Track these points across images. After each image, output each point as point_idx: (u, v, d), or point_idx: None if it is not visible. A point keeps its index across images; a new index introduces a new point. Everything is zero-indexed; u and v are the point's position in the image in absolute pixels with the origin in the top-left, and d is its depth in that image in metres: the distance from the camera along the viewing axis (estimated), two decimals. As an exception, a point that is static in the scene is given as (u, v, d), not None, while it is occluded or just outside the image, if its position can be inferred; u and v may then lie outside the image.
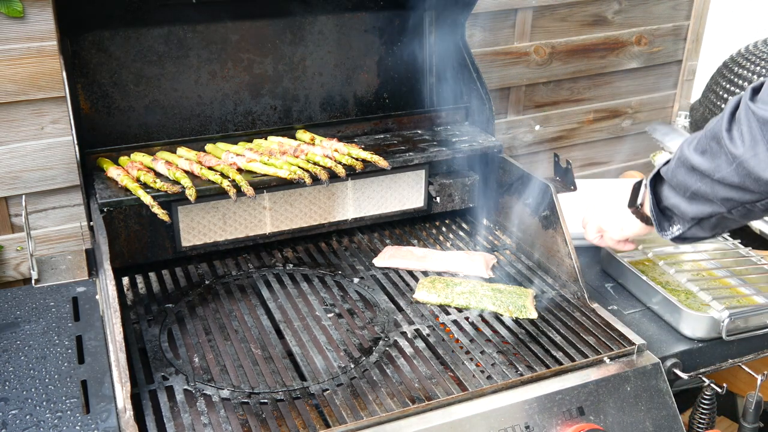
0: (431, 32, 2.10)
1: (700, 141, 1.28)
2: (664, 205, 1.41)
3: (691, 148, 1.29)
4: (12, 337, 1.49)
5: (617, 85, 2.75)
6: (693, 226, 1.37)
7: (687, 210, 1.34)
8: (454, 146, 1.91)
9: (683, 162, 1.31)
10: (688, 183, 1.31)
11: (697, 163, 1.27)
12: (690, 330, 1.59)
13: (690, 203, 1.33)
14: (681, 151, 1.32)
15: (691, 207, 1.33)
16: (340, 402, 1.36)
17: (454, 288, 1.68)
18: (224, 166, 1.69)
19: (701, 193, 1.29)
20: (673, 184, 1.36)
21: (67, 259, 1.78)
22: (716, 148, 1.23)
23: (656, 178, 1.42)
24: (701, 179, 1.27)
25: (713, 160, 1.24)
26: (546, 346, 1.53)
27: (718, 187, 1.25)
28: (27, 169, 1.94)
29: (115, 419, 1.28)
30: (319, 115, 2.05)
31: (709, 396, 1.56)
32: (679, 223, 1.40)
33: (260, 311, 1.65)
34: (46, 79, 1.87)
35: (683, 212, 1.36)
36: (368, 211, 1.98)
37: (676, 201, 1.36)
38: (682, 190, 1.34)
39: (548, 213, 1.75)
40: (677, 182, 1.34)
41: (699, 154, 1.27)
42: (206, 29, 1.85)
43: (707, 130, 1.27)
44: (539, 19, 2.48)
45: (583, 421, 1.37)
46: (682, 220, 1.38)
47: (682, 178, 1.32)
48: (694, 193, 1.31)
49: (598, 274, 1.84)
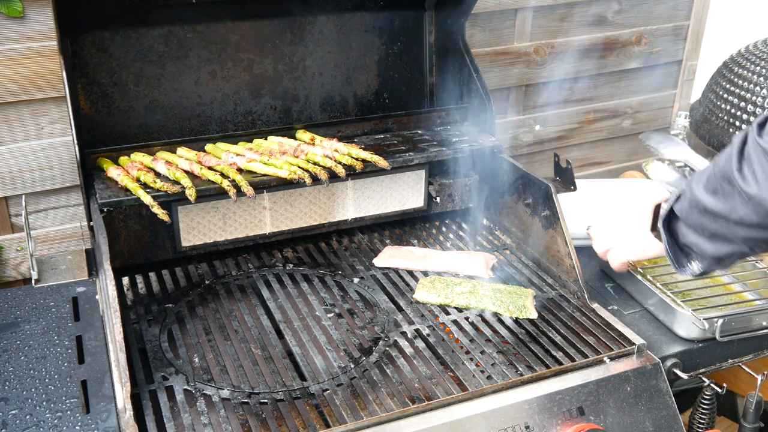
0: (431, 32, 2.10)
1: (710, 180, 1.24)
2: (683, 242, 1.36)
3: (701, 188, 1.25)
4: (12, 337, 1.49)
5: (617, 85, 2.75)
6: (713, 263, 1.33)
7: (707, 249, 1.30)
8: (454, 146, 1.91)
9: (695, 204, 1.27)
10: (705, 224, 1.27)
11: (710, 205, 1.23)
12: (684, 330, 1.59)
13: (710, 243, 1.29)
14: (692, 192, 1.28)
15: (711, 246, 1.29)
16: (340, 402, 1.36)
17: (454, 288, 1.68)
18: (224, 166, 1.69)
19: (720, 234, 1.25)
20: (690, 224, 1.32)
21: (67, 259, 1.78)
22: (729, 189, 1.20)
23: (670, 214, 1.37)
24: (716, 221, 1.24)
25: (727, 201, 1.20)
26: (546, 346, 1.53)
27: (736, 228, 1.21)
28: (27, 169, 1.94)
29: (115, 419, 1.28)
30: (319, 115, 2.05)
31: (709, 396, 1.56)
32: (698, 260, 1.35)
33: (260, 311, 1.65)
34: (46, 79, 1.87)
35: (703, 251, 1.31)
36: (368, 211, 1.98)
37: (695, 240, 1.31)
38: (700, 229, 1.30)
39: (548, 213, 1.75)
40: (693, 223, 1.30)
41: (711, 194, 1.23)
42: (206, 29, 1.85)
43: (717, 169, 1.23)
44: (539, 19, 2.48)
45: (583, 421, 1.37)
46: (701, 258, 1.34)
47: (697, 220, 1.29)
48: (713, 234, 1.27)
49: (598, 274, 1.84)
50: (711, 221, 1.25)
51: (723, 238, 1.26)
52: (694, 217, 1.29)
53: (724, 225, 1.23)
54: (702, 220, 1.27)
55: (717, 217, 1.23)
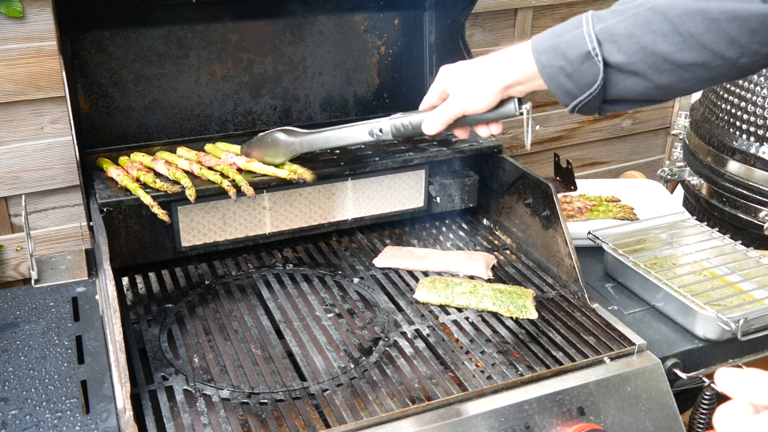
0: (431, 32, 2.10)
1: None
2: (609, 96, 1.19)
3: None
4: (12, 337, 1.49)
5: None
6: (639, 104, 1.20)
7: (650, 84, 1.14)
8: (454, 146, 1.91)
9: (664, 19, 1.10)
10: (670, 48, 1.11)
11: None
12: (702, 330, 1.58)
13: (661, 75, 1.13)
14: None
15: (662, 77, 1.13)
16: (340, 402, 1.36)
17: (454, 288, 1.68)
18: (224, 166, 1.69)
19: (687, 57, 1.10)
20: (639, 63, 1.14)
21: (67, 259, 1.78)
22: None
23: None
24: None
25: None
26: (546, 346, 1.53)
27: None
28: (27, 169, 1.94)
29: (115, 419, 1.27)
30: (319, 115, 2.05)
31: (709, 396, 1.56)
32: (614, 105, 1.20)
33: (260, 311, 1.65)
34: (45, 79, 1.87)
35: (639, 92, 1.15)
36: (368, 211, 1.98)
37: (635, 83, 1.15)
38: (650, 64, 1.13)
39: (548, 213, 1.75)
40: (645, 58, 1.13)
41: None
42: (206, 29, 1.85)
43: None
44: (539, 19, 2.48)
45: (583, 421, 1.37)
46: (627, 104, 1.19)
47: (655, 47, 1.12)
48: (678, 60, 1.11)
49: (599, 274, 1.84)
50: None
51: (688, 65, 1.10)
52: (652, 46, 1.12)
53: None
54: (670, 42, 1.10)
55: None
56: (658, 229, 1.93)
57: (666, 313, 1.66)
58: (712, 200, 2.28)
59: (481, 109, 1.36)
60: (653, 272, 1.69)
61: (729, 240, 1.88)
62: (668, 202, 2.16)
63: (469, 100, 1.36)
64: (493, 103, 1.35)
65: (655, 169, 2.79)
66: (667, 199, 2.20)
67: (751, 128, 2.11)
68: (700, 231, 1.92)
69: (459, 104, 1.38)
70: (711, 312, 1.55)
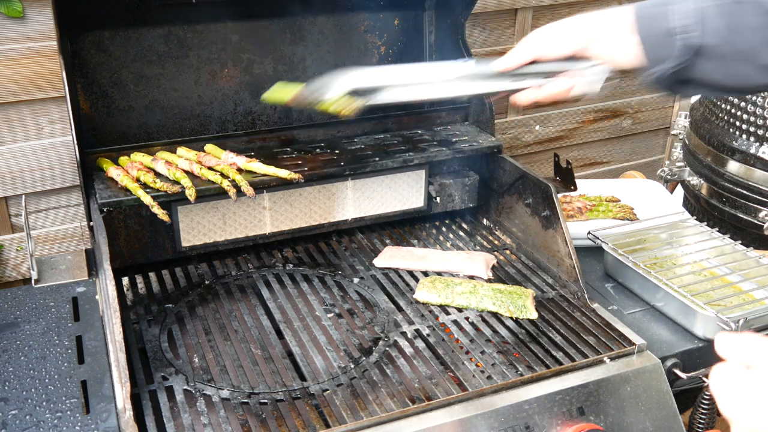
0: (431, 32, 2.10)
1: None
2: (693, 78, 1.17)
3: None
4: (12, 337, 1.49)
5: (617, 85, 2.76)
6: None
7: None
8: (454, 146, 1.91)
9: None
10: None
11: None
12: (702, 330, 1.58)
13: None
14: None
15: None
16: (340, 402, 1.36)
17: (454, 288, 1.68)
18: (224, 166, 1.69)
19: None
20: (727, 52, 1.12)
21: (67, 259, 1.78)
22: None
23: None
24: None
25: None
26: (546, 346, 1.53)
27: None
28: (27, 169, 1.94)
29: (115, 419, 1.27)
30: (318, 115, 2.05)
31: (709, 396, 1.56)
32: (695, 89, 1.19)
33: (260, 311, 1.65)
34: (46, 79, 1.87)
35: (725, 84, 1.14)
36: (368, 211, 1.98)
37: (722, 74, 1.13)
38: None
39: (548, 213, 1.75)
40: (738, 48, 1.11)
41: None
42: (206, 29, 1.85)
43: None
44: (539, 19, 2.48)
45: (583, 421, 1.37)
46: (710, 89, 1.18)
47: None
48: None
49: (599, 274, 1.84)
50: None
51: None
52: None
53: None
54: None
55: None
56: (658, 229, 1.93)
57: (666, 313, 1.66)
58: (712, 200, 2.28)
59: (553, 53, 1.33)
60: (653, 272, 1.69)
61: (729, 240, 1.88)
62: (668, 202, 2.17)
63: (546, 42, 1.34)
64: (569, 49, 1.31)
65: (655, 169, 2.79)
66: (667, 199, 2.20)
67: (751, 128, 2.11)
68: (700, 231, 1.92)
69: (535, 45, 1.35)
70: (711, 312, 1.55)
